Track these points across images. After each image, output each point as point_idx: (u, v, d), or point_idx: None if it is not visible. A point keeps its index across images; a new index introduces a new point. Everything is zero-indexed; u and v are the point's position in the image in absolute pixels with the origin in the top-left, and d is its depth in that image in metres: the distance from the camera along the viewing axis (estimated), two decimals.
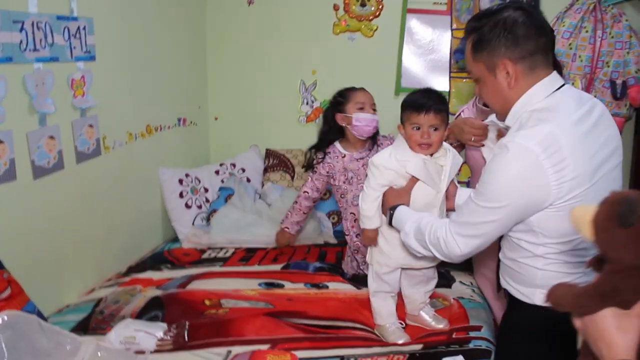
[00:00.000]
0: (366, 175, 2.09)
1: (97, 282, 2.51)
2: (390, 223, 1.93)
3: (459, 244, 1.63)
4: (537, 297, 1.65)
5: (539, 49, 1.59)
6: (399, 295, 2.19)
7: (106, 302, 2.27)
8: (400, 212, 1.89)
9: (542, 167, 1.46)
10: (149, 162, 2.95)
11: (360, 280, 2.45)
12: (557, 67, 1.85)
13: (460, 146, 2.32)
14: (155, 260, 2.76)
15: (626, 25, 2.78)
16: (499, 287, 1.86)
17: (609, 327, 1.04)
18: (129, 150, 2.72)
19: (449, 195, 2.02)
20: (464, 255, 1.66)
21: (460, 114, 2.37)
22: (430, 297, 2.25)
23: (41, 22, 2.06)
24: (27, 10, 2.01)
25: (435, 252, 1.70)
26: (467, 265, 2.63)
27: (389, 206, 1.95)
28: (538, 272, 1.63)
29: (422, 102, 1.95)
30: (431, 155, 1.99)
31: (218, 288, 2.41)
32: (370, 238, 2.07)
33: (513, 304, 1.76)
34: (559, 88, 1.60)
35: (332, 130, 2.64)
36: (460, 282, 2.53)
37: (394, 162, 2.00)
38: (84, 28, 2.32)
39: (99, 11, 2.42)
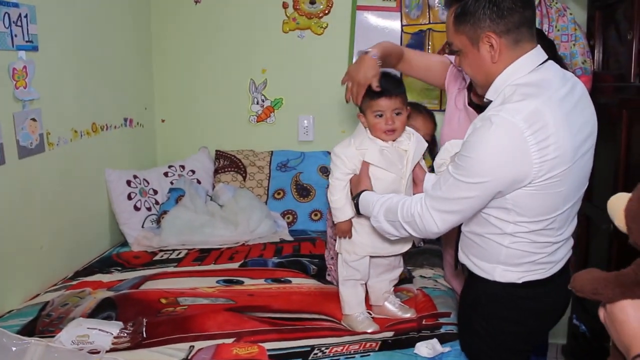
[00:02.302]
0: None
1: (41, 287, 2.35)
2: (358, 212, 1.88)
3: (435, 220, 1.58)
4: (497, 273, 1.64)
5: (525, 21, 1.55)
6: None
7: (53, 305, 2.13)
8: (365, 197, 1.84)
9: (526, 144, 1.43)
10: (95, 162, 2.80)
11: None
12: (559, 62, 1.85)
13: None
14: (104, 264, 2.62)
15: (571, 18, 2.85)
16: (456, 262, 1.83)
17: (629, 318, 1.01)
18: (74, 148, 2.58)
19: (417, 181, 1.99)
20: (440, 232, 1.62)
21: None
22: (394, 291, 2.21)
23: None
24: None
25: (410, 229, 1.65)
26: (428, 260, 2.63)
27: (352, 196, 1.91)
28: (503, 250, 1.61)
29: (382, 87, 1.92)
30: (393, 140, 1.96)
31: (174, 287, 2.30)
32: (344, 230, 2.02)
33: (472, 280, 1.74)
34: (542, 63, 1.57)
35: None
36: (421, 276, 2.50)
37: (353, 150, 1.96)
38: (26, 16, 2.19)
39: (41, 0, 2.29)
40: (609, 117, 2.45)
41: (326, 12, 3.26)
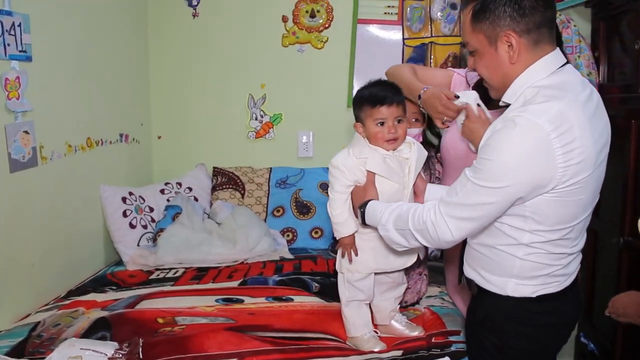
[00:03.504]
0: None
1: (33, 307, 2.25)
2: (363, 222, 1.80)
3: (450, 227, 1.48)
4: (510, 287, 1.55)
5: (546, 22, 1.48)
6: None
7: (44, 326, 2.03)
8: (372, 207, 1.76)
9: (551, 146, 1.35)
10: (90, 178, 2.72)
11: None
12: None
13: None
14: (98, 283, 2.52)
15: (575, 30, 2.81)
16: (460, 276, 1.73)
17: None
18: (68, 163, 2.50)
19: (417, 191, 1.91)
20: (455, 241, 1.52)
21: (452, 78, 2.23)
22: (400, 311, 2.12)
23: None
24: None
25: (422, 238, 1.55)
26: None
27: (358, 205, 1.83)
28: (517, 262, 1.53)
29: (382, 95, 1.85)
30: (394, 149, 1.89)
31: (171, 306, 2.20)
32: (348, 245, 1.93)
33: (481, 295, 1.64)
34: (562, 66, 1.50)
35: None
36: (427, 296, 2.41)
37: (353, 160, 1.88)
38: (20, 25, 2.12)
39: (36, 8, 2.22)
40: (616, 129, 2.37)
41: (326, 25, 3.22)
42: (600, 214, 2.65)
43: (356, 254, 1.91)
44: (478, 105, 1.79)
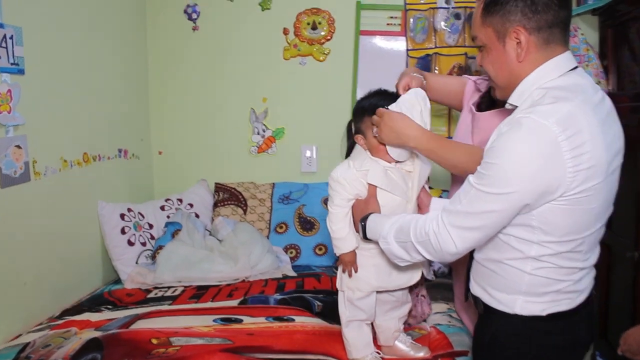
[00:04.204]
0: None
1: (24, 327, 2.17)
2: (365, 236, 1.71)
3: (454, 238, 1.39)
4: (518, 305, 1.45)
5: (559, 22, 1.40)
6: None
7: (34, 347, 1.95)
8: (373, 220, 1.67)
9: (560, 149, 1.27)
10: (87, 194, 2.66)
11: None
12: None
13: None
14: (94, 302, 2.44)
15: (582, 39, 2.74)
16: (467, 293, 1.63)
17: None
18: (63, 178, 2.44)
19: (422, 205, 1.82)
20: (459, 253, 1.43)
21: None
22: (405, 330, 2.03)
23: None
24: None
25: (424, 251, 1.46)
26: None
27: (359, 219, 1.74)
28: (525, 277, 1.43)
29: (383, 105, 1.76)
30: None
31: (167, 326, 2.12)
32: (349, 262, 1.84)
33: (488, 314, 1.53)
34: (573, 69, 1.42)
35: None
36: (434, 312, 2.31)
37: (354, 173, 1.80)
38: (12, 37, 2.07)
39: (30, 21, 2.18)
40: (629, 139, 2.29)
41: (328, 37, 3.17)
42: (613, 227, 2.55)
43: (356, 271, 1.82)
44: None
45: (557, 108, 1.30)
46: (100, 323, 2.19)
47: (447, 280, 2.60)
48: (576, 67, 1.43)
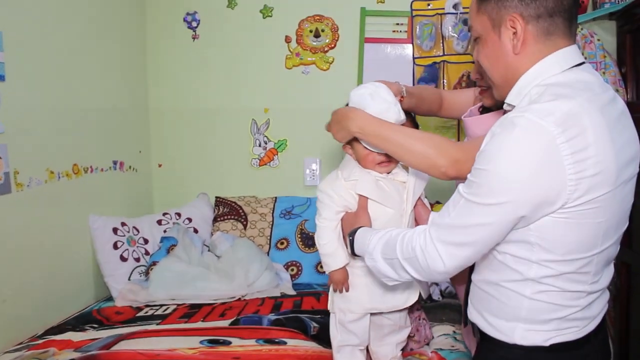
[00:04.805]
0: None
1: (4, 346, 2.06)
2: (353, 252, 1.56)
3: (441, 255, 1.23)
4: (518, 334, 1.27)
5: (561, 10, 1.24)
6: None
7: None
8: (362, 234, 1.52)
9: (559, 153, 1.11)
10: (77, 207, 2.56)
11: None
12: None
13: None
14: (80, 321, 2.33)
15: (598, 45, 2.58)
16: (465, 319, 1.46)
17: None
18: (50, 190, 2.34)
19: (420, 221, 1.68)
20: (448, 272, 1.26)
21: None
22: (404, 356, 1.87)
23: None
24: None
25: (411, 269, 1.30)
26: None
27: (348, 233, 1.60)
28: (524, 302, 1.26)
29: None
30: (388, 172, 1.67)
31: (150, 348, 1.99)
32: (338, 281, 1.70)
33: (486, 343, 1.36)
34: (579, 65, 1.25)
35: None
36: (438, 335, 2.16)
37: (342, 183, 1.66)
38: None
39: (11, 26, 2.10)
40: None
41: (332, 45, 3.06)
42: (633, 245, 2.38)
43: (347, 290, 1.68)
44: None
45: (557, 106, 1.14)
46: (81, 343, 2.07)
47: (455, 300, 2.45)
48: (583, 63, 1.28)
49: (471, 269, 1.40)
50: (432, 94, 1.98)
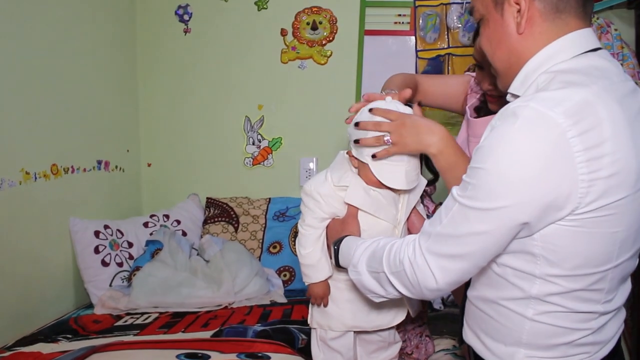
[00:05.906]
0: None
1: None
2: (337, 263, 1.39)
3: (433, 269, 1.06)
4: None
5: None
6: None
7: None
8: (347, 244, 1.35)
9: (568, 149, 0.94)
10: (56, 209, 2.41)
11: None
12: None
13: None
14: (54, 330, 2.18)
15: (616, 35, 2.40)
16: (461, 339, 1.28)
17: None
18: (25, 192, 2.19)
19: (413, 231, 1.49)
20: (440, 290, 1.09)
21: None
22: None
23: None
24: None
25: (400, 285, 1.13)
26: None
27: (333, 242, 1.43)
28: (526, 324, 1.09)
29: None
30: None
31: None
32: (318, 296, 1.53)
33: None
34: (594, 50, 1.08)
35: None
36: (438, 350, 1.98)
37: (331, 187, 1.49)
38: None
39: None
40: None
41: (330, 38, 2.91)
42: None
43: (325, 306, 1.51)
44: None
45: (568, 94, 0.97)
46: (51, 356, 1.91)
47: (457, 310, 2.27)
48: (599, 49, 1.10)
49: (467, 283, 1.22)
50: (410, 81, 1.80)
